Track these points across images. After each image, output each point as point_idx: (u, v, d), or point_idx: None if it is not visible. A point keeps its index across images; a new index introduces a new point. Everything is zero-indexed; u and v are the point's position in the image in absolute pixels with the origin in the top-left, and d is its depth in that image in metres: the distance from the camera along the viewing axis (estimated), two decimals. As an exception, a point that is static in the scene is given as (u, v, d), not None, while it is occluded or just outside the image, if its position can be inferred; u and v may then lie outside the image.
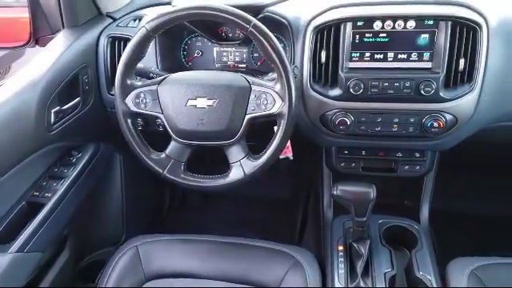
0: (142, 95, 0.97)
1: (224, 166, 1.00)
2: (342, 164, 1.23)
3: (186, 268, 1.08)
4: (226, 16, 0.89)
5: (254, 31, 0.88)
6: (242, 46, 1.28)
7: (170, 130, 0.98)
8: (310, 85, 1.09)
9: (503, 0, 1.09)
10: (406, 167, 1.20)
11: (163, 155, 1.00)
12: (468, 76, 1.02)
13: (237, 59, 1.30)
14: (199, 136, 0.97)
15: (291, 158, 1.16)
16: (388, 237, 1.14)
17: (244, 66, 1.30)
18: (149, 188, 1.73)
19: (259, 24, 0.89)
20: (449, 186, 1.55)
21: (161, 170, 1.00)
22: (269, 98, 0.93)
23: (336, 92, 1.07)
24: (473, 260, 1.00)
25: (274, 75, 0.95)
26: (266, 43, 0.89)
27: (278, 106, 0.92)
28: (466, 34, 1.00)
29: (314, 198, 1.71)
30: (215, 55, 1.31)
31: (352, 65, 1.07)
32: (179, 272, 1.07)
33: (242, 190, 1.90)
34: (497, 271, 0.98)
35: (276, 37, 1.20)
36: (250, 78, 0.96)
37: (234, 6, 0.92)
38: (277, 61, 0.89)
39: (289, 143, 1.15)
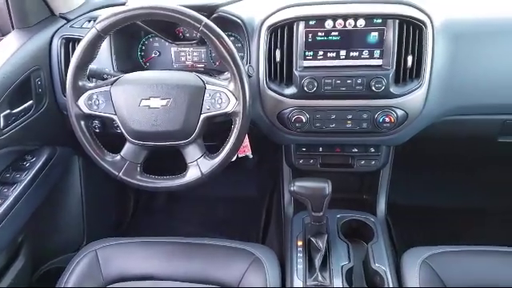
0: (95, 96, 0.96)
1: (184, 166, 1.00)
2: (301, 161, 1.26)
3: (146, 270, 1.07)
4: (177, 16, 0.89)
5: (205, 31, 0.89)
6: (199, 45, 1.28)
7: (124, 131, 0.97)
8: (267, 84, 1.10)
9: (447, 1, 1.14)
10: (362, 162, 1.23)
11: (118, 157, 0.99)
12: (416, 72, 1.06)
13: (195, 59, 1.30)
14: (154, 137, 0.96)
15: (250, 156, 1.18)
16: (346, 230, 1.17)
17: (202, 65, 1.30)
18: (112, 191, 1.70)
19: (210, 23, 0.89)
20: (406, 180, 1.61)
21: (116, 172, 0.99)
22: (223, 97, 0.93)
23: (291, 90, 1.09)
24: (425, 250, 1.04)
25: (229, 74, 0.95)
26: (217, 43, 0.89)
27: (232, 105, 0.93)
28: (412, 32, 1.04)
29: (277, 196, 1.73)
30: (173, 55, 1.30)
31: (306, 63, 1.09)
32: (139, 274, 1.06)
33: (208, 191, 1.92)
34: (446, 259, 1.02)
35: (233, 36, 1.24)
36: (205, 78, 0.96)
37: (187, 6, 0.92)
38: (229, 60, 0.90)
39: (247, 142, 1.17)
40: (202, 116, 0.94)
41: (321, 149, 1.23)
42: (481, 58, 1.07)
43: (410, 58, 1.04)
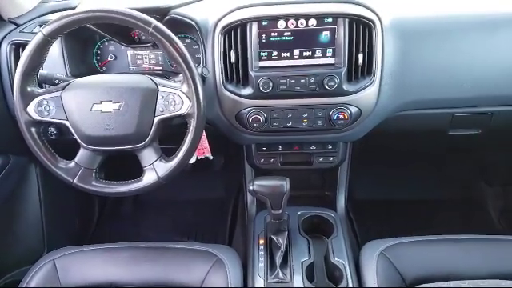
0: (45, 102, 0.94)
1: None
2: (262, 160, 1.27)
3: (107, 277, 1.05)
4: (126, 19, 0.88)
5: (155, 33, 0.88)
6: (156, 48, 1.27)
7: (77, 136, 0.95)
8: (223, 84, 1.11)
9: (394, 0, 1.18)
10: (321, 159, 1.25)
11: (72, 163, 0.97)
12: (367, 70, 1.09)
13: (152, 62, 1.29)
14: (108, 141, 0.95)
15: (211, 157, 1.18)
16: (307, 227, 1.19)
17: (160, 68, 1.30)
18: (74, 198, 1.67)
19: (160, 26, 0.89)
20: (366, 176, 1.65)
21: (70, 179, 0.97)
22: (177, 98, 0.93)
23: (248, 91, 1.10)
24: (382, 242, 1.07)
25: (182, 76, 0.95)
26: (168, 45, 0.89)
27: (186, 107, 0.93)
28: (362, 30, 1.07)
29: (242, 197, 1.74)
30: (129, 59, 1.29)
31: (262, 64, 1.10)
32: (100, 282, 1.04)
33: (175, 194, 1.91)
34: (403, 250, 1.05)
35: (189, 38, 1.23)
36: (157, 80, 0.96)
37: (138, 9, 0.91)
38: (181, 62, 0.90)
39: (206, 143, 1.17)
40: (156, 119, 0.94)
41: (280, 147, 1.24)
42: (429, 54, 1.11)
43: (360, 56, 1.07)
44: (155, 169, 0.97)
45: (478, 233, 1.09)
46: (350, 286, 0.99)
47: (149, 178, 0.97)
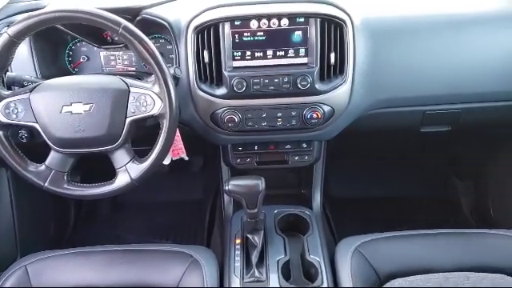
0: (13, 105, 0.92)
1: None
2: (238, 160, 1.27)
3: (80, 282, 1.03)
4: (94, 19, 0.87)
5: (124, 33, 0.87)
6: (129, 49, 1.26)
7: (47, 139, 0.94)
8: (197, 85, 1.10)
9: (366, 0, 1.19)
10: (296, 158, 1.26)
11: (42, 167, 0.96)
12: (340, 69, 1.10)
13: (126, 63, 1.28)
14: (79, 143, 0.94)
15: (186, 158, 1.17)
16: (284, 225, 1.20)
17: (134, 69, 1.28)
18: (49, 202, 1.63)
19: (130, 26, 0.88)
20: (343, 173, 1.67)
21: (41, 182, 0.95)
22: (148, 99, 0.93)
23: (222, 91, 1.10)
24: (357, 238, 1.08)
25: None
26: (138, 45, 0.88)
27: (158, 107, 0.93)
28: (333, 30, 1.08)
29: (220, 197, 1.74)
30: (102, 60, 1.27)
31: (236, 64, 1.10)
32: (74, 287, 1.03)
33: (154, 196, 1.90)
34: (377, 246, 1.07)
35: (163, 38, 1.23)
36: (129, 81, 0.95)
37: (109, 9, 0.91)
38: (152, 62, 0.89)
39: (181, 144, 1.16)
40: (128, 120, 0.93)
41: (256, 147, 1.25)
42: (399, 53, 1.13)
43: (332, 56, 1.08)
44: (128, 170, 0.96)
45: (451, 227, 1.12)
46: (325, 282, 1.00)
47: (121, 179, 0.96)
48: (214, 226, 1.69)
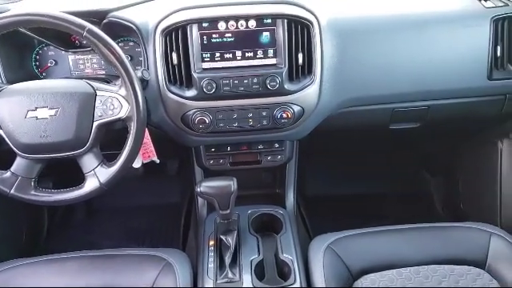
0: None
1: None
2: (211, 161, 1.27)
3: None
4: (58, 22, 0.86)
5: (89, 36, 0.87)
6: None
7: (12, 145, 0.92)
8: (167, 87, 1.10)
9: (332, 1, 1.21)
10: (269, 158, 1.27)
11: (8, 173, 0.94)
12: (308, 69, 1.12)
13: (95, 66, 1.27)
14: (46, 149, 0.93)
15: (157, 161, 1.17)
16: (258, 225, 1.20)
17: (103, 72, 1.27)
18: (20, 209, 1.60)
19: (94, 29, 0.87)
20: (317, 172, 1.69)
21: (7, 189, 0.94)
22: (115, 102, 0.92)
23: (192, 92, 1.10)
24: (330, 236, 1.10)
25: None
26: (103, 48, 0.88)
27: (125, 110, 0.92)
28: (300, 30, 1.09)
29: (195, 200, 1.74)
30: (71, 64, 1.26)
31: (205, 65, 1.11)
32: None
33: (130, 201, 1.88)
34: (349, 242, 1.08)
35: (132, 41, 1.22)
36: (95, 84, 0.94)
37: (73, 12, 0.90)
38: (117, 65, 0.89)
39: (152, 147, 1.16)
40: (95, 123, 0.93)
41: (229, 148, 1.25)
42: (366, 53, 1.15)
43: (300, 56, 1.10)
44: (97, 175, 0.95)
45: (424, 222, 1.15)
46: (297, 280, 1.01)
47: (90, 184, 0.95)
48: (189, 228, 1.68)
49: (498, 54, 1.17)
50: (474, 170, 1.55)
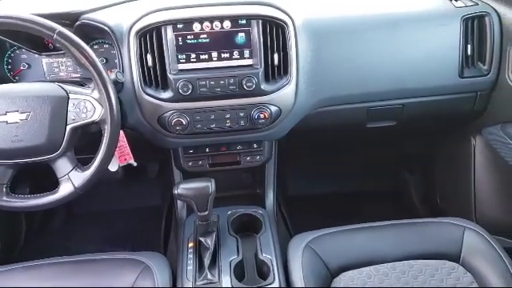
0: None
1: None
2: (190, 163, 1.26)
3: None
4: (28, 25, 0.85)
5: (59, 39, 0.86)
6: None
7: None
8: (142, 89, 1.09)
9: (307, 2, 1.22)
10: (248, 158, 1.27)
11: None
12: (284, 69, 1.12)
13: (70, 69, 1.25)
14: (17, 153, 0.91)
15: (134, 164, 1.16)
16: (238, 226, 1.20)
17: (78, 75, 1.26)
18: None
19: (65, 31, 0.86)
20: (299, 172, 1.70)
21: None
22: (88, 105, 0.91)
23: (168, 94, 1.10)
24: (308, 234, 1.11)
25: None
26: (74, 51, 0.87)
27: (98, 113, 0.91)
28: (275, 31, 1.10)
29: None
30: (45, 67, 1.24)
31: (181, 66, 1.10)
32: None
33: (110, 205, 1.85)
34: (327, 240, 1.09)
35: (107, 43, 1.21)
36: (68, 87, 0.93)
37: (45, 15, 0.88)
38: (89, 67, 0.88)
39: (128, 150, 1.15)
40: (68, 127, 0.91)
41: (207, 149, 1.25)
42: (341, 52, 1.17)
43: (276, 56, 1.10)
44: (71, 179, 0.94)
45: (402, 219, 1.16)
46: (276, 280, 1.01)
47: (65, 189, 0.94)
48: (170, 231, 1.67)
49: (469, 52, 1.20)
50: (450, 166, 1.58)
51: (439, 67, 1.20)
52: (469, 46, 1.20)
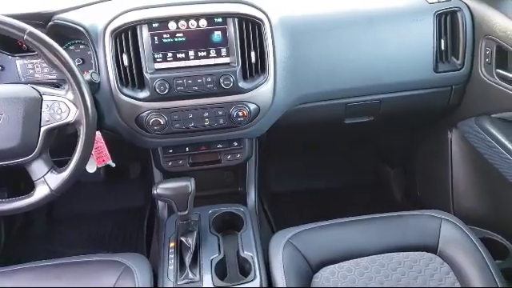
0: None
1: None
2: (170, 163, 1.26)
3: None
4: None
5: (30, 40, 0.84)
6: None
7: None
8: (119, 89, 1.08)
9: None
10: (228, 157, 1.27)
11: None
12: (261, 67, 1.13)
13: (45, 70, 1.23)
14: None
15: (113, 164, 1.15)
16: (220, 224, 1.20)
17: (54, 77, 1.24)
18: None
19: (36, 31, 0.85)
20: (282, 169, 1.70)
21: None
22: (62, 106, 0.90)
23: (145, 94, 1.09)
24: (289, 230, 1.11)
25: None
26: (46, 51, 0.85)
27: (73, 114, 0.90)
28: (252, 29, 1.10)
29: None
30: (19, 69, 1.22)
31: (158, 66, 1.10)
32: None
33: (93, 207, 1.83)
34: (308, 236, 1.10)
35: (83, 44, 1.19)
36: (41, 89, 0.92)
37: (15, 15, 0.87)
38: (62, 68, 0.87)
39: (106, 151, 1.14)
40: (43, 129, 0.90)
41: (187, 149, 1.24)
42: (318, 49, 1.17)
43: (253, 54, 1.11)
44: (47, 181, 0.92)
45: (384, 213, 1.18)
46: (257, 276, 1.02)
47: (41, 191, 0.92)
48: (153, 232, 1.66)
49: (442, 47, 1.22)
50: (429, 160, 1.61)
51: (414, 62, 1.22)
52: (442, 41, 1.22)
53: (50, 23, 1.07)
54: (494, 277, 0.98)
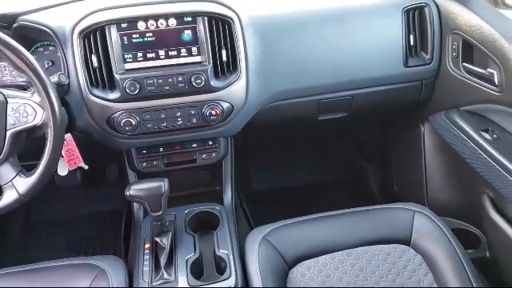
0: None
1: None
2: (144, 164, 1.25)
3: None
4: None
5: None
6: None
7: None
8: (89, 90, 1.07)
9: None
10: (204, 156, 1.27)
11: None
12: (233, 65, 1.13)
13: (14, 73, 1.20)
14: None
15: (85, 167, 1.13)
16: (197, 224, 1.20)
17: (24, 79, 1.21)
18: None
19: None
20: (260, 167, 1.70)
21: None
22: (28, 109, 0.89)
23: (115, 94, 1.08)
24: (265, 227, 1.12)
25: None
26: (9, 53, 0.84)
27: (40, 117, 0.89)
28: (222, 27, 1.10)
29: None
30: None
31: (128, 66, 1.09)
32: None
33: (70, 211, 1.80)
34: (284, 232, 1.11)
35: (52, 46, 1.17)
36: (6, 92, 0.90)
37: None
38: (26, 70, 0.86)
39: (78, 153, 1.12)
40: (9, 132, 0.89)
41: (161, 149, 1.24)
42: (288, 47, 1.18)
43: (224, 53, 1.11)
44: (15, 186, 0.91)
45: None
46: (233, 274, 1.02)
47: (8, 196, 0.91)
48: (130, 234, 1.65)
49: (412, 42, 1.24)
50: (404, 154, 1.63)
51: (384, 57, 1.24)
52: (411, 37, 1.24)
53: (14, 25, 1.05)
54: (464, 266, 1.01)
